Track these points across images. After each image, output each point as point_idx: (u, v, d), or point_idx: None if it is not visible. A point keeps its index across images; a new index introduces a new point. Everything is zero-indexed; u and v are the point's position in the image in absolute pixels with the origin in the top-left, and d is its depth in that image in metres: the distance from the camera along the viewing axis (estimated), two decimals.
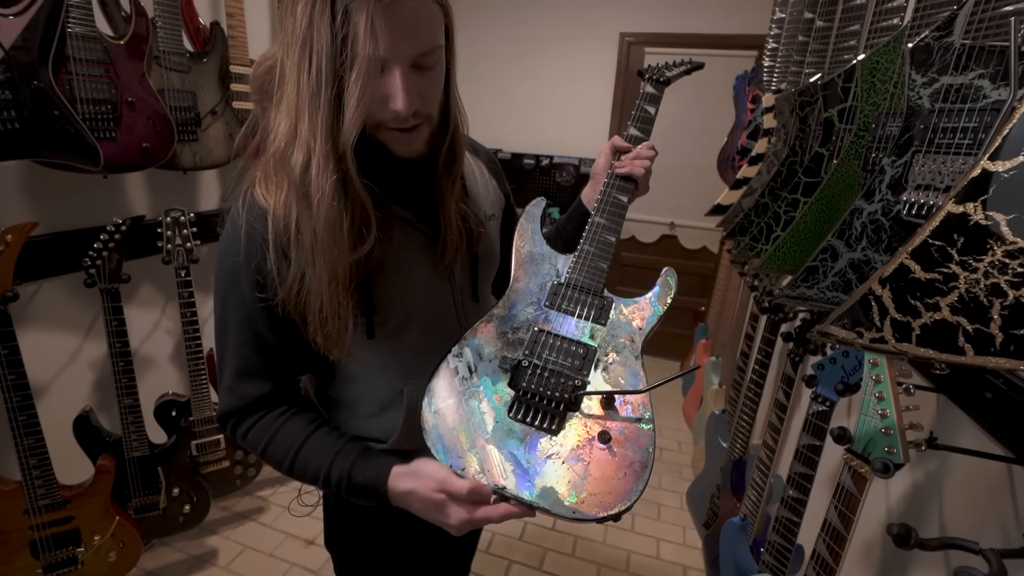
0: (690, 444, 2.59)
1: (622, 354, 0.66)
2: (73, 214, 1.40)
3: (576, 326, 0.67)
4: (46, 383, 1.44)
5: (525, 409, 0.62)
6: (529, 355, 0.64)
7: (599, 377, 0.64)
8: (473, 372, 0.64)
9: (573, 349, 0.65)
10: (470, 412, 0.62)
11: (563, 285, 0.71)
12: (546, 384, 0.62)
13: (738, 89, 2.05)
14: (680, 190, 3.15)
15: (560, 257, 0.74)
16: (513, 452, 0.59)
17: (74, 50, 1.14)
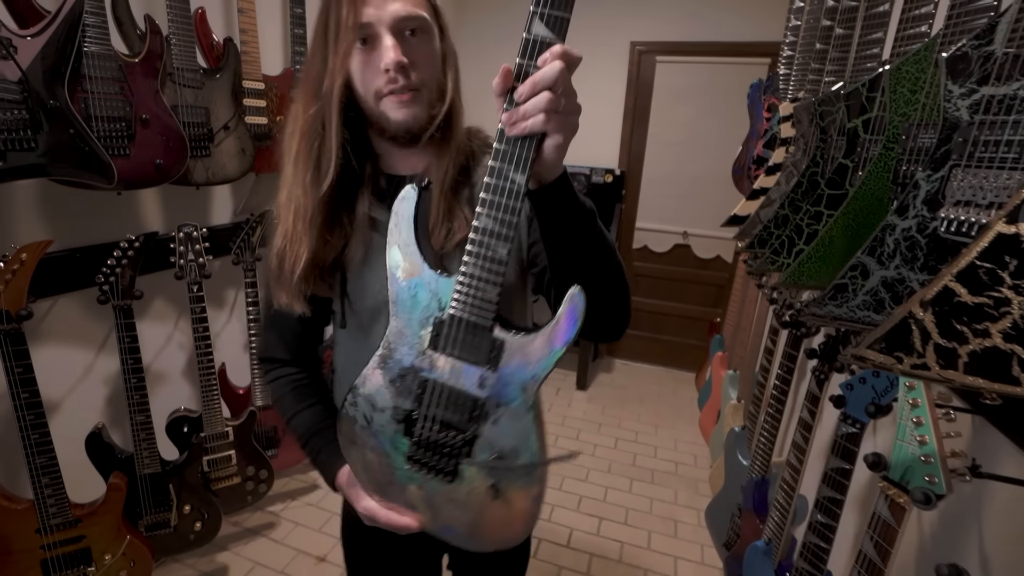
0: (706, 458, 2.54)
1: (512, 407, 0.60)
2: (87, 230, 1.41)
3: (463, 374, 0.60)
4: (59, 399, 1.44)
5: (421, 458, 0.64)
6: (418, 406, 0.63)
7: (488, 430, 0.61)
8: (370, 422, 0.66)
9: (461, 402, 0.61)
10: (372, 460, 0.67)
11: (445, 323, 0.60)
12: (438, 436, 0.63)
13: (753, 98, 2.02)
14: (693, 199, 3.12)
15: (441, 281, 0.61)
16: (412, 498, 0.67)
17: (90, 68, 1.14)
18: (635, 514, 2.17)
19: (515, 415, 0.60)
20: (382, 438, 0.65)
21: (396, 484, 0.67)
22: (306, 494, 2.13)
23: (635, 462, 2.53)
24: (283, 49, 1.92)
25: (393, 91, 0.63)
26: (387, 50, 0.61)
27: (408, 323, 0.62)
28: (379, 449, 0.66)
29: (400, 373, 0.63)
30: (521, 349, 0.58)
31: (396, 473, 0.66)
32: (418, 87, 0.64)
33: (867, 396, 0.89)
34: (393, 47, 0.61)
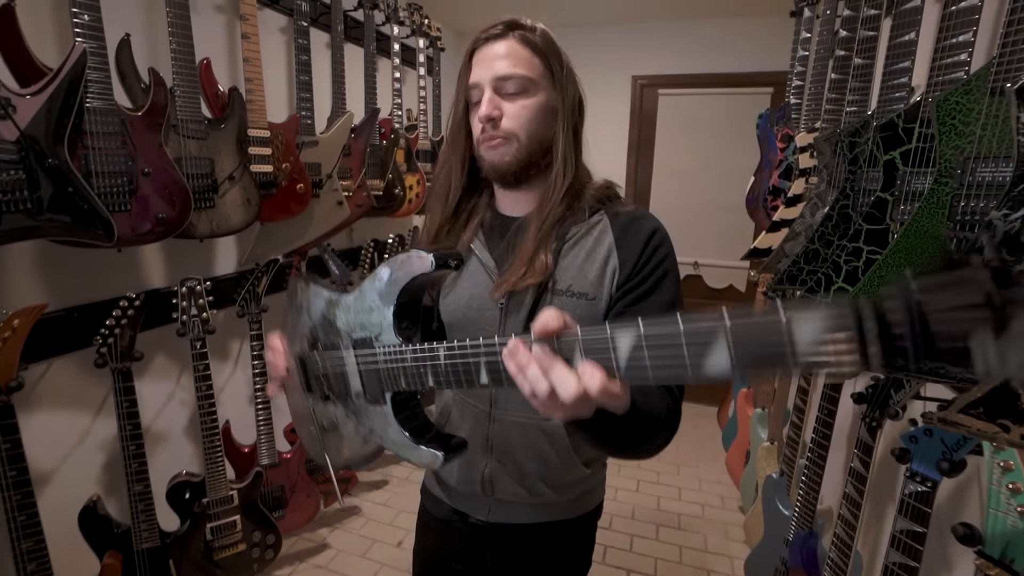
0: (733, 499, 2.41)
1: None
2: (85, 288, 1.35)
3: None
4: (51, 469, 1.34)
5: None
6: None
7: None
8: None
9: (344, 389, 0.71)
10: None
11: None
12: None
13: (764, 128, 1.99)
14: (702, 229, 3.08)
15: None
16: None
17: (91, 124, 1.11)
18: (665, 565, 2.03)
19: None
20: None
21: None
22: (315, 555, 2.00)
23: (659, 506, 2.40)
24: (288, 96, 1.91)
25: (484, 140, 0.74)
26: (483, 104, 0.72)
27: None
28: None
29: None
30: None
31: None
32: (506, 137, 0.73)
33: (936, 450, 0.81)
34: (487, 101, 0.72)
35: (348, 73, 1.95)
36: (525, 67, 0.72)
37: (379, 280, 0.59)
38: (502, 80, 0.72)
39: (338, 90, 1.88)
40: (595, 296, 0.72)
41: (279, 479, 1.81)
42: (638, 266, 0.71)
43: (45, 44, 1.18)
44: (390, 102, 2.29)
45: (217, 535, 1.54)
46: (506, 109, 0.72)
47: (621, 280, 0.72)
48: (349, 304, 0.64)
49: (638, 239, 0.72)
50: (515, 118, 0.72)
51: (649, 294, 0.71)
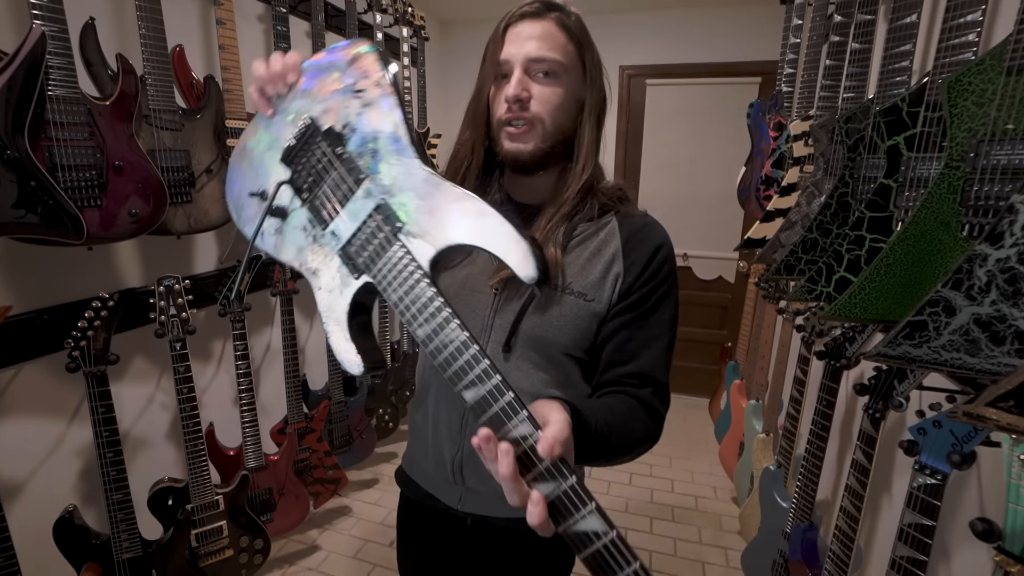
0: (726, 490, 2.41)
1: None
2: (55, 288, 1.28)
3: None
4: (23, 479, 1.28)
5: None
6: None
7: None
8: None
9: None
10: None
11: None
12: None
13: (755, 117, 1.97)
14: (691, 220, 3.06)
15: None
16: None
17: (54, 114, 1.03)
18: (660, 558, 2.03)
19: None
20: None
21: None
22: (305, 557, 1.96)
23: (653, 498, 2.40)
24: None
25: (509, 121, 0.70)
26: (512, 83, 0.68)
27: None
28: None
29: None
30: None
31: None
32: (532, 122, 0.69)
33: (945, 442, 0.79)
34: (518, 81, 0.68)
35: None
36: (560, 52, 0.69)
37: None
38: (535, 62, 0.68)
39: None
40: (594, 298, 0.71)
41: (266, 482, 1.76)
42: (642, 279, 0.71)
43: (2, 28, 1.10)
44: None
45: (203, 542, 1.48)
46: (535, 92, 0.69)
47: (623, 288, 0.71)
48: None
49: (645, 248, 0.72)
50: (544, 103, 0.69)
51: (651, 312, 0.71)
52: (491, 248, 0.49)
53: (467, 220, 0.50)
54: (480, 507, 0.81)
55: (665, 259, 0.73)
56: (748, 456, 1.88)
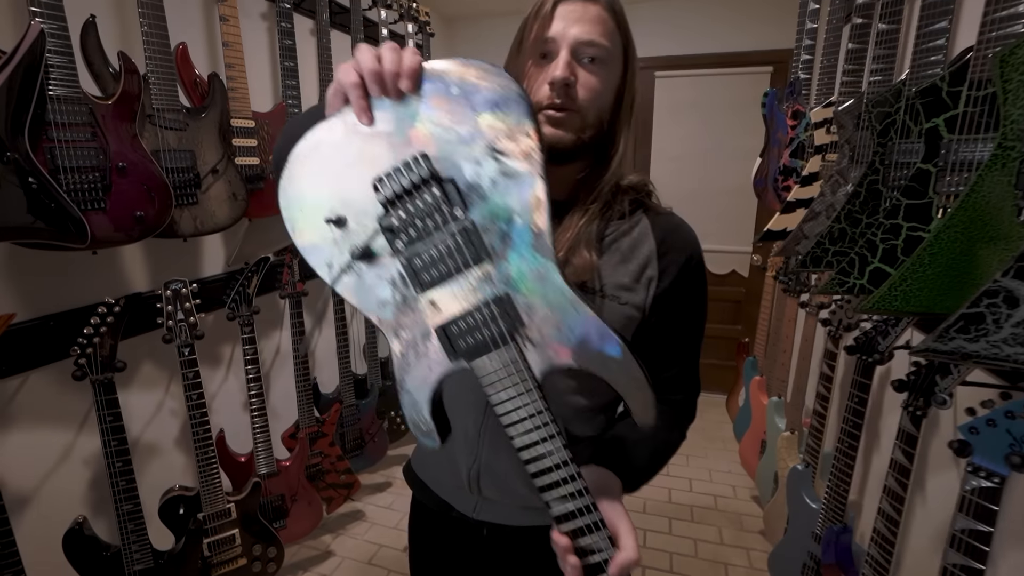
0: (745, 488, 2.36)
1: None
2: (62, 294, 1.25)
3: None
4: (33, 489, 1.25)
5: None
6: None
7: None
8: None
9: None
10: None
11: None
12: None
13: (770, 106, 1.92)
14: (702, 213, 3.00)
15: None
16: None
17: (56, 114, 1.00)
18: (680, 559, 1.98)
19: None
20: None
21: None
22: (318, 564, 1.93)
23: (671, 498, 2.35)
24: (273, 84, 1.80)
25: (550, 106, 0.64)
26: (558, 65, 0.63)
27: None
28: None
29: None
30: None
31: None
32: (575, 109, 0.65)
33: (1002, 442, 0.74)
34: (565, 64, 0.63)
35: (336, 61, 1.84)
36: (608, 38, 0.65)
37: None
38: (584, 45, 0.64)
39: (325, 77, 1.78)
40: (627, 301, 0.68)
41: (279, 488, 1.73)
42: (677, 283, 0.70)
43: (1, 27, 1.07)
44: None
45: (215, 551, 1.45)
46: (580, 77, 0.64)
47: (658, 292, 0.69)
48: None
49: (680, 252, 0.70)
50: (589, 90, 0.65)
51: (685, 317, 0.72)
52: (615, 385, 0.48)
53: (598, 354, 0.48)
54: (496, 515, 0.78)
55: (699, 263, 0.72)
56: (772, 455, 1.83)
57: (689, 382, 0.75)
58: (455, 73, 0.48)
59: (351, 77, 0.48)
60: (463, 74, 0.48)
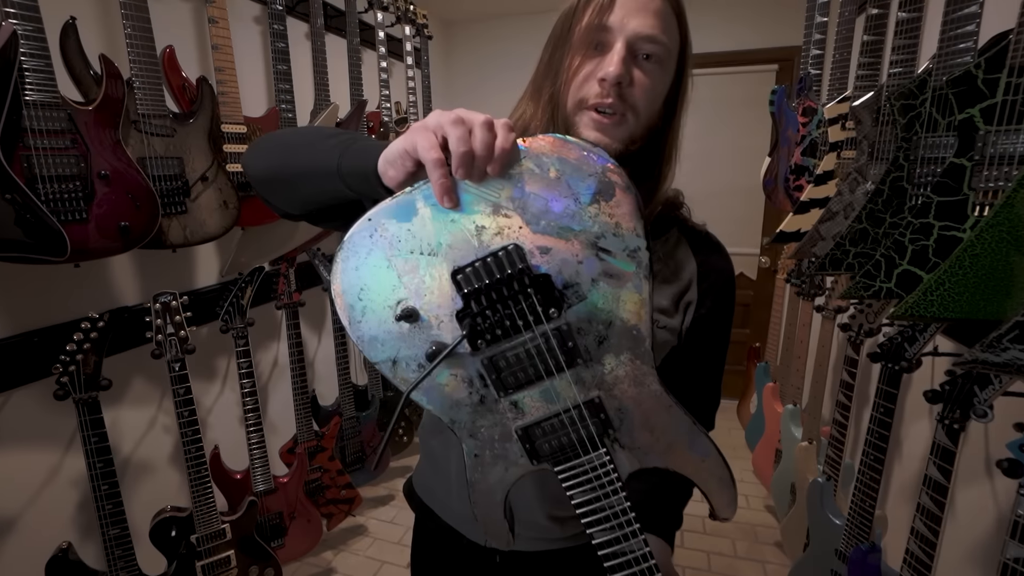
0: (759, 498, 2.28)
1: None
2: (45, 309, 1.19)
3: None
4: (16, 513, 1.19)
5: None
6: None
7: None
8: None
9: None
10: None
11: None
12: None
13: (779, 103, 1.86)
14: (709, 215, 2.86)
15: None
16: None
17: (32, 121, 0.95)
18: (693, 573, 1.91)
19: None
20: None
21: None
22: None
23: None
24: (266, 88, 1.75)
25: (598, 107, 0.57)
26: (612, 60, 0.55)
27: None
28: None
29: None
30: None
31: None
32: (625, 112, 0.58)
33: None
34: (620, 60, 0.55)
35: (331, 65, 1.79)
36: (669, 36, 0.58)
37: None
38: (644, 40, 0.56)
39: (320, 81, 1.73)
40: (665, 325, 0.64)
41: (277, 506, 1.67)
42: (714, 312, 0.65)
43: None
44: (377, 94, 2.13)
45: (209, 574, 1.39)
46: (636, 77, 0.57)
47: (694, 317, 0.65)
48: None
49: (719, 278, 0.67)
50: (645, 92, 0.57)
51: (714, 343, 0.68)
52: (699, 482, 0.48)
53: (687, 455, 0.48)
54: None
55: (734, 286, 0.69)
56: (788, 465, 1.76)
57: (713, 398, 0.73)
58: (553, 153, 0.42)
59: (433, 153, 0.41)
60: (563, 154, 0.42)
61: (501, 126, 0.42)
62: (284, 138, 0.61)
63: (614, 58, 0.55)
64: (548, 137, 0.42)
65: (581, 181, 0.42)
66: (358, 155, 0.51)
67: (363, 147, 0.51)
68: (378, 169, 0.47)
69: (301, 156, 0.58)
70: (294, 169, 0.58)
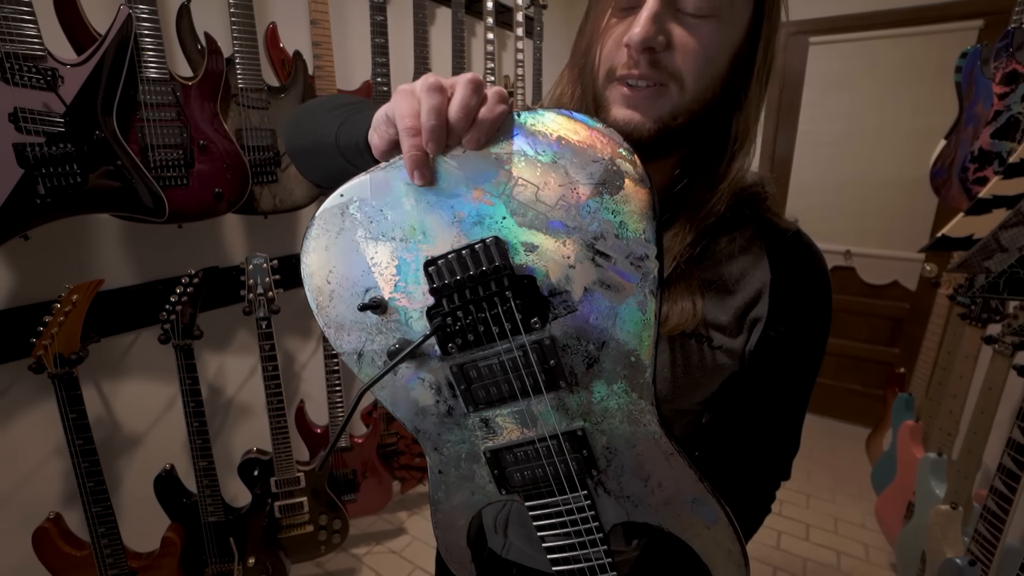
0: (883, 551, 1.91)
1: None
2: (169, 261, 1.37)
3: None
4: (142, 433, 1.41)
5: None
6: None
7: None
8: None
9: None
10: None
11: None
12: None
13: (968, 69, 1.44)
14: (858, 211, 2.46)
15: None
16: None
17: (145, 95, 1.06)
18: None
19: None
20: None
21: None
22: (391, 539, 1.97)
23: (779, 544, 1.99)
24: (364, 60, 1.80)
25: (626, 78, 0.46)
26: (640, 20, 0.43)
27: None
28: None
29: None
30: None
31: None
32: (664, 81, 0.46)
33: None
34: (648, 19, 0.43)
35: (436, 37, 1.78)
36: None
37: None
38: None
39: (420, 54, 1.73)
40: (721, 344, 0.51)
41: (352, 463, 1.78)
42: (793, 334, 0.51)
43: (107, 11, 1.16)
44: (483, 68, 2.09)
45: (285, 514, 1.53)
46: (677, 37, 0.45)
47: (763, 336, 0.51)
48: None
49: (803, 291, 0.51)
50: (691, 55, 0.45)
51: (795, 373, 0.54)
52: (700, 553, 0.42)
53: (689, 516, 0.41)
54: (525, 559, 0.69)
55: (827, 303, 0.53)
56: (919, 528, 1.42)
57: (783, 442, 0.58)
58: (552, 132, 0.35)
59: (408, 120, 0.36)
60: (564, 134, 0.35)
61: (492, 93, 0.36)
62: (303, 111, 0.59)
63: (641, 18, 0.43)
64: (550, 113, 0.35)
65: (582, 168, 0.35)
66: (355, 125, 0.47)
67: (364, 116, 0.46)
68: (368, 137, 0.42)
69: (308, 129, 0.55)
70: (304, 143, 0.55)
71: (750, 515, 0.59)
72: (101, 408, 1.33)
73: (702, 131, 0.49)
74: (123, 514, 1.34)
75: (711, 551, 0.41)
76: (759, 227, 0.54)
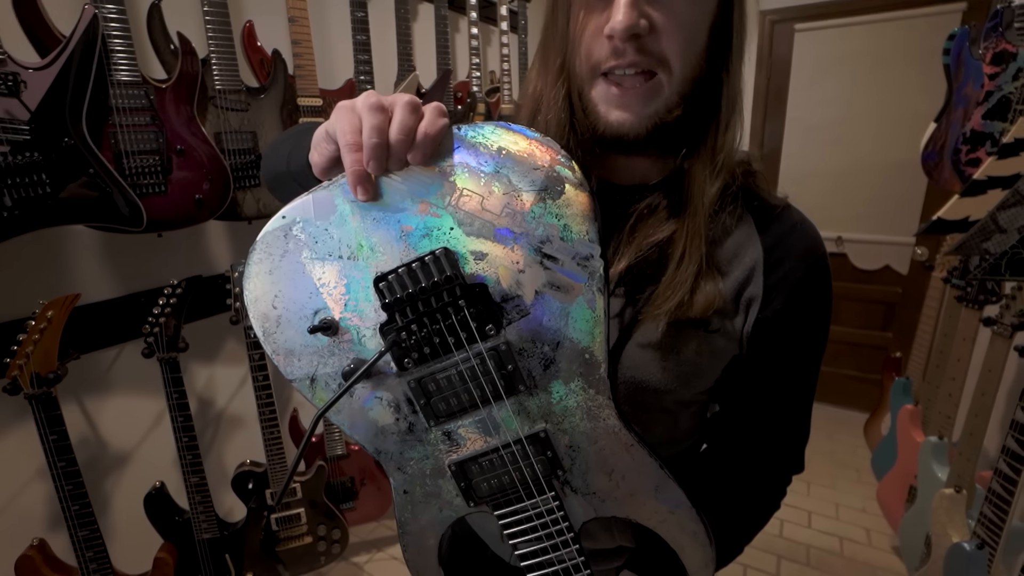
0: (885, 536, 1.91)
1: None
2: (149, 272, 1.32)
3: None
4: (130, 450, 1.36)
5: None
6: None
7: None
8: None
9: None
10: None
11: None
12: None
13: (957, 51, 1.43)
14: (849, 196, 2.46)
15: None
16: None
17: (117, 99, 1.02)
18: None
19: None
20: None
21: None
22: (392, 545, 1.94)
23: (782, 532, 1.99)
24: (346, 59, 1.75)
25: (613, 71, 0.45)
26: (618, 7, 0.42)
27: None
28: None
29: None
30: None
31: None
32: (652, 68, 0.45)
33: None
34: (628, 5, 0.42)
35: (419, 33, 1.74)
36: None
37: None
38: None
39: (404, 51, 1.69)
40: (719, 327, 0.50)
41: (349, 470, 1.74)
42: (790, 312, 0.50)
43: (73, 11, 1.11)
44: (467, 63, 2.05)
45: (282, 526, 1.49)
46: (657, 19, 0.43)
47: (760, 316, 0.50)
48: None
49: (797, 266, 0.50)
50: (673, 33, 0.44)
51: (796, 354, 0.52)
52: (667, 538, 0.43)
53: (653, 503, 0.41)
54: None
55: (824, 276, 0.52)
56: (922, 512, 1.42)
57: (792, 427, 0.56)
58: (492, 143, 0.37)
59: (348, 137, 0.36)
60: (504, 146, 0.37)
61: (431, 109, 0.37)
62: (271, 143, 0.60)
63: (620, 3, 0.42)
64: (489, 125, 0.37)
65: (524, 176, 0.36)
66: (302, 149, 0.46)
67: (310, 139, 0.44)
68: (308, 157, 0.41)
69: (270, 162, 0.55)
70: (269, 176, 0.56)
71: (757, 509, 0.57)
72: (85, 427, 1.28)
73: (695, 114, 0.49)
74: (112, 536, 1.30)
75: (676, 535, 0.42)
76: (749, 204, 0.53)
